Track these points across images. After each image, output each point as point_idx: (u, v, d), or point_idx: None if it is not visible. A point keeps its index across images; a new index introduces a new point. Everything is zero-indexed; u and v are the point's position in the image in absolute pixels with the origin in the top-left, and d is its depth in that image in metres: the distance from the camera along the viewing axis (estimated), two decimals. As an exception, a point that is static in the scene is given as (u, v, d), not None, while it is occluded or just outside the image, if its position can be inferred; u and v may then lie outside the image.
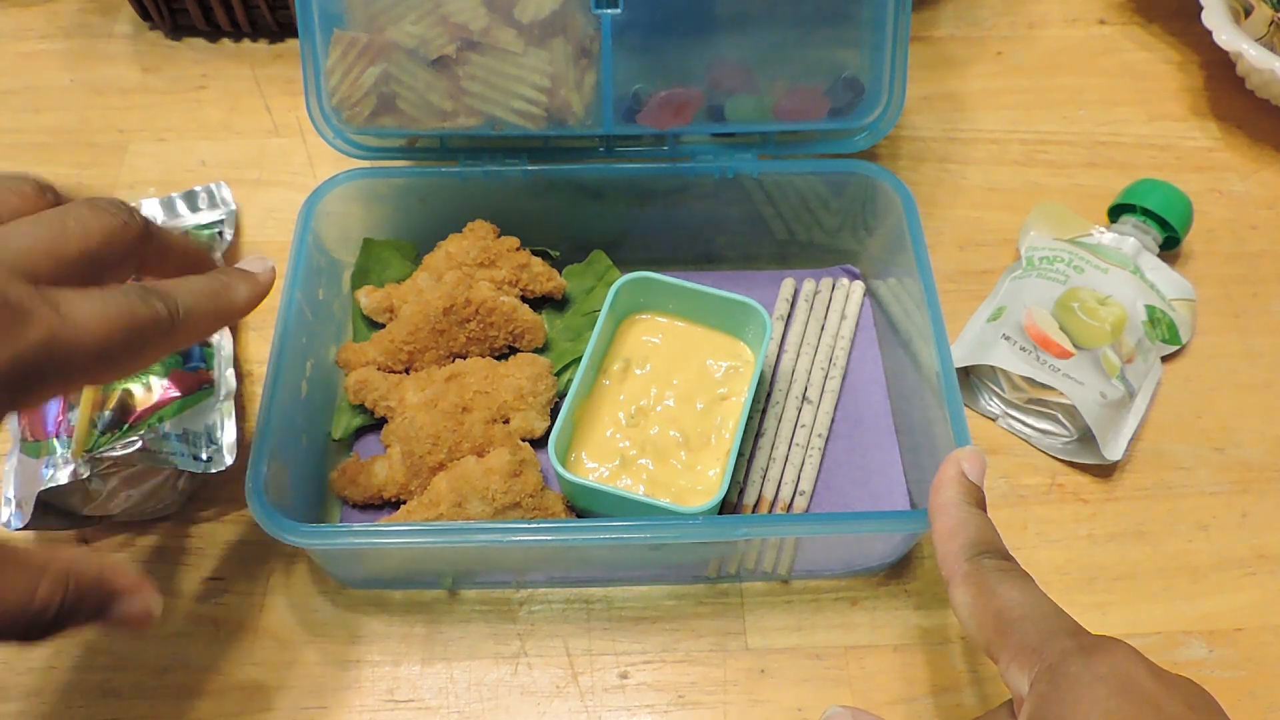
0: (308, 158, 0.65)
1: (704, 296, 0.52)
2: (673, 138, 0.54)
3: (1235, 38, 0.62)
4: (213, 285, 0.38)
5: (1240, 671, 0.47)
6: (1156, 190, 0.58)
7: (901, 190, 0.52)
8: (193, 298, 0.37)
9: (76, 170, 0.64)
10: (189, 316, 0.36)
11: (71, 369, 0.32)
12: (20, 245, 0.32)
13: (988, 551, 0.37)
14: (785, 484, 0.51)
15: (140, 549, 0.50)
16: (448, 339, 0.52)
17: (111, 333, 0.32)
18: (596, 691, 0.46)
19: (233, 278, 0.40)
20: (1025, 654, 0.33)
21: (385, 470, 0.49)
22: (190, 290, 0.37)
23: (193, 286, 0.37)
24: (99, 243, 0.34)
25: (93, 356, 0.32)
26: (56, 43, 0.71)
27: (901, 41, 0.50)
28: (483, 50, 0.50)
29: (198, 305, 0.37)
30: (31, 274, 0.32)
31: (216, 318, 0.38)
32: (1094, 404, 0.51)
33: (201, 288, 0.38)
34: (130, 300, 0.34)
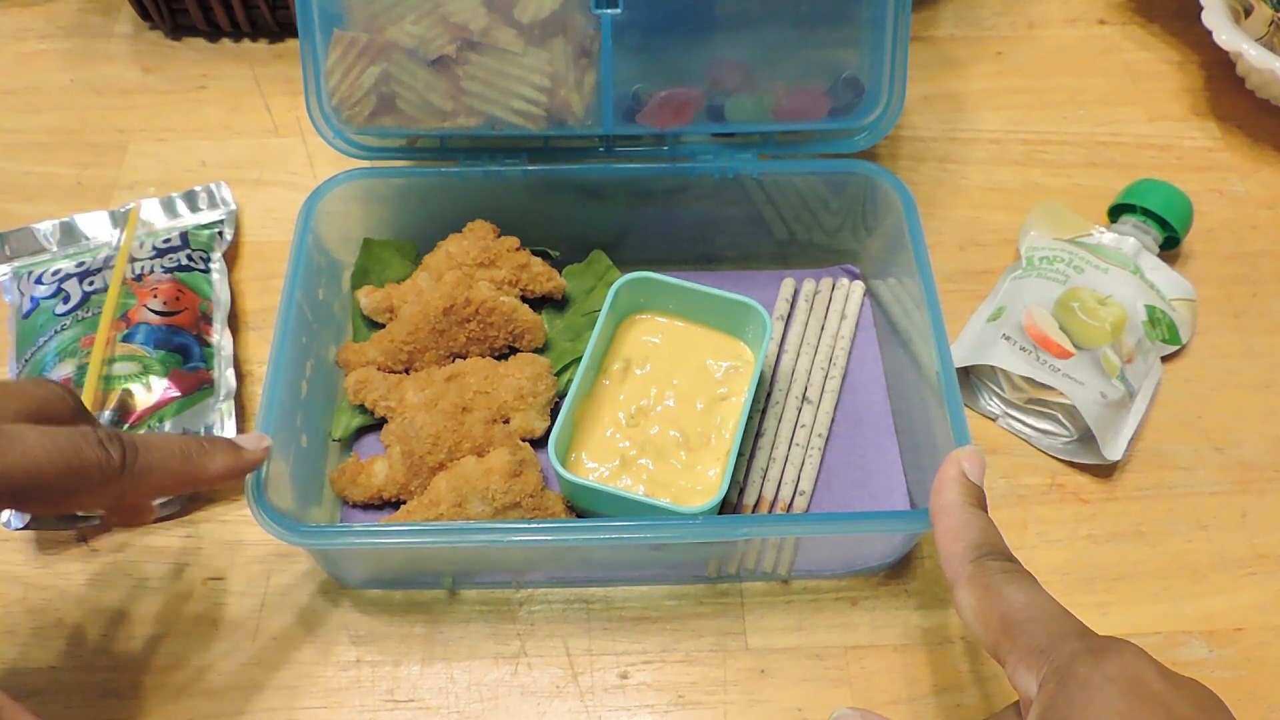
0: (308, 158, 0.65)
1: (704, 296, 0.52)
2: (673, 138, 0.54)
3: (1235, 38, 0.62)
4: (187, 448, 0.39)
5: (1240, 671, 0.47)
6: (1156, 190, 0.58)
7: (901, 190, 0.52)
8: (157, 454, 0.37)
9: (76, 170, 0.64)
10: (146, 471, 0.37)
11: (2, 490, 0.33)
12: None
13: (991, 553, 0.37)
14: (785, 484, 0.51)
15: (140, 549, 0.50)
16: (448, 339, 0.52)
17: (48, 465, 0.33)
18: (596, 691, 0.46)
19: (215, 446, 0.40)
20: (1033, 655, 0.33)
21: (385, 470, 0.49)
22: (159, 446, 0.38)
23: (164, 443, 0.38)
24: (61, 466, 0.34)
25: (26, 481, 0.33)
26: (56, 43, 0.71)
27: (901, 41, 0.50)
28: (483, 50, 0.50)
29: (160, 463, 0.37)
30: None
31: (179, 479, 0.39)
32: (1094, 404, 0.51)
33: (173, 447, 0.38)
34: (83, 441, 0.35)
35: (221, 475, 0.40)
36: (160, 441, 0.38)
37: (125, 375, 0.50)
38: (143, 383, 0.50)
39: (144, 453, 0.37)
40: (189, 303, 0.54)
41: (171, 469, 0.38)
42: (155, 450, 0.37)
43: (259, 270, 0.60)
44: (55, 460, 0.34)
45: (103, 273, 0.55)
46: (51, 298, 0.54)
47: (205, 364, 0.53)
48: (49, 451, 0.34)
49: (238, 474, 0.41)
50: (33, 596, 0.48)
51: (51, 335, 0.52)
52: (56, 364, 0.51)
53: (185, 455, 0.38)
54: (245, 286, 0.59)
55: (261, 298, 0.59)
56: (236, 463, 0.40)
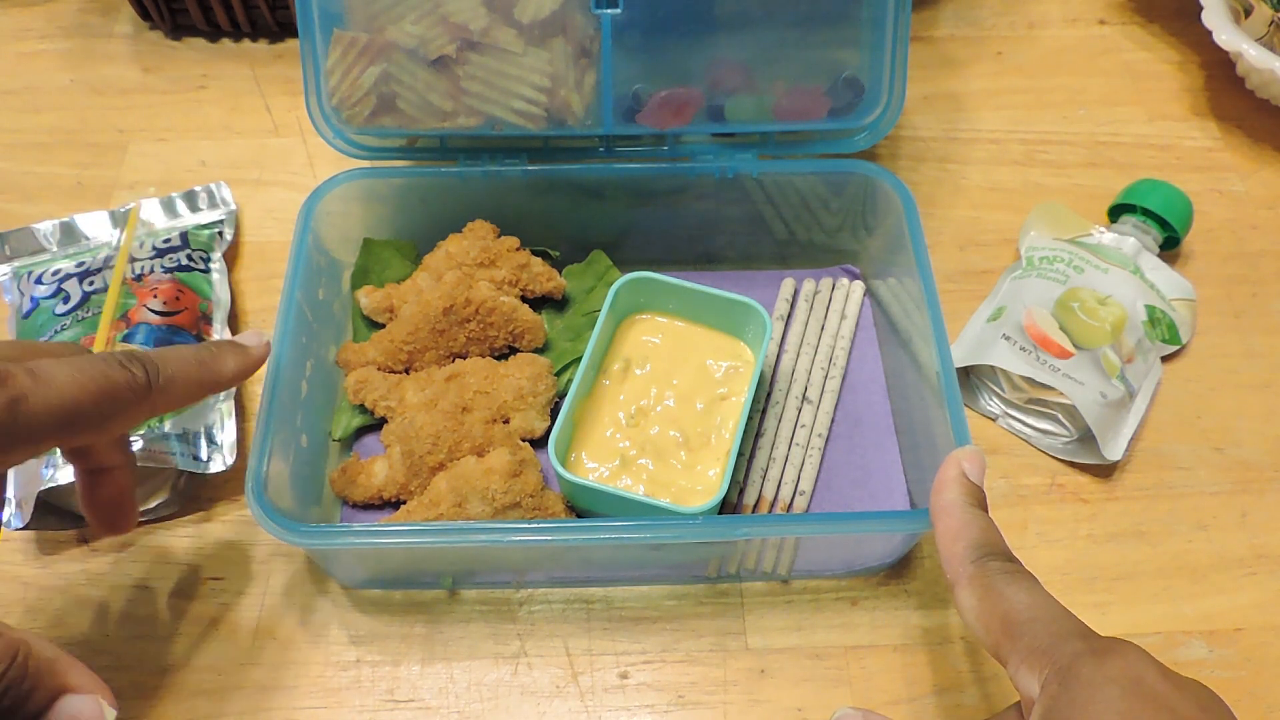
0: (308, 158, 0.65)
1: (704, 296, 0.52)
2: (673, 138, 0.54)
3: (1235, 38, 0.62)
4: (200, 355, 0.40)
5: (1240, 671, 0.47)
6: (1156, 190, 0.58)
7: (901, 190, 0.52)
8: (175, 365, 0.38)
9: (76, 170, 0.64)
10: (169, 384, 0.37)
11: (42, 429, 0.33)
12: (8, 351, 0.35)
13: (992, 553, 0.37)
14: (785, 484, 0.51)
15: (140, 549, 0.50)
16: (448, 339, 0.52)
17: (83, 394, 0.34)
18: (596, 691, 0.46)
19: (222, 349, 0.41)
20: (1035, 656, 0.33)
21: (385, 470, 0.49)
22: (174, 357, 0.38)
23: (178, 354, 0.39)
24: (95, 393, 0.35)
25: (64, 417, 0.33)
26: (56, 43, 0.71)
27: (901, 41, 0.50)
28: (483, 50, 0.50)
29: (180, 373, 0.38)
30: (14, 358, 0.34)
31: (200, 386, 0.39)
32: (1094, 404, 0.51)
33: (187, 356, 0.39)
34: (107, 365, 0.35)
35: (235, 376, 0.41)
36: (174, 354, 0.39)
37: (125, 375, 0.50)
38: (143, 383, 0.50)
39: (164, 366, 0.37)
40: (189, 303, 0.54)
41: (191, 376, 0.39)
42: (173, 362, 0.38)
43: (259, 270, 0.60)
44: (88, 387, 0.34)
45: (103, 273, 0.55)
46: (51, 298, 0.54)
47: (205, 364, 0.53)
48: (80, 381, 0.34)
49: (248, 372, 0.42)
50: (33, 596, 0.48)
51: (51, 335, 0.52)
52: (56, 364, 0.51)
53: (200, 362, 0.39)
54: (245, 286, 0.59)
55: (261, 298, 0.59)
56: (246, 361, 0.42)
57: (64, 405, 0.33)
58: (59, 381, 0.33)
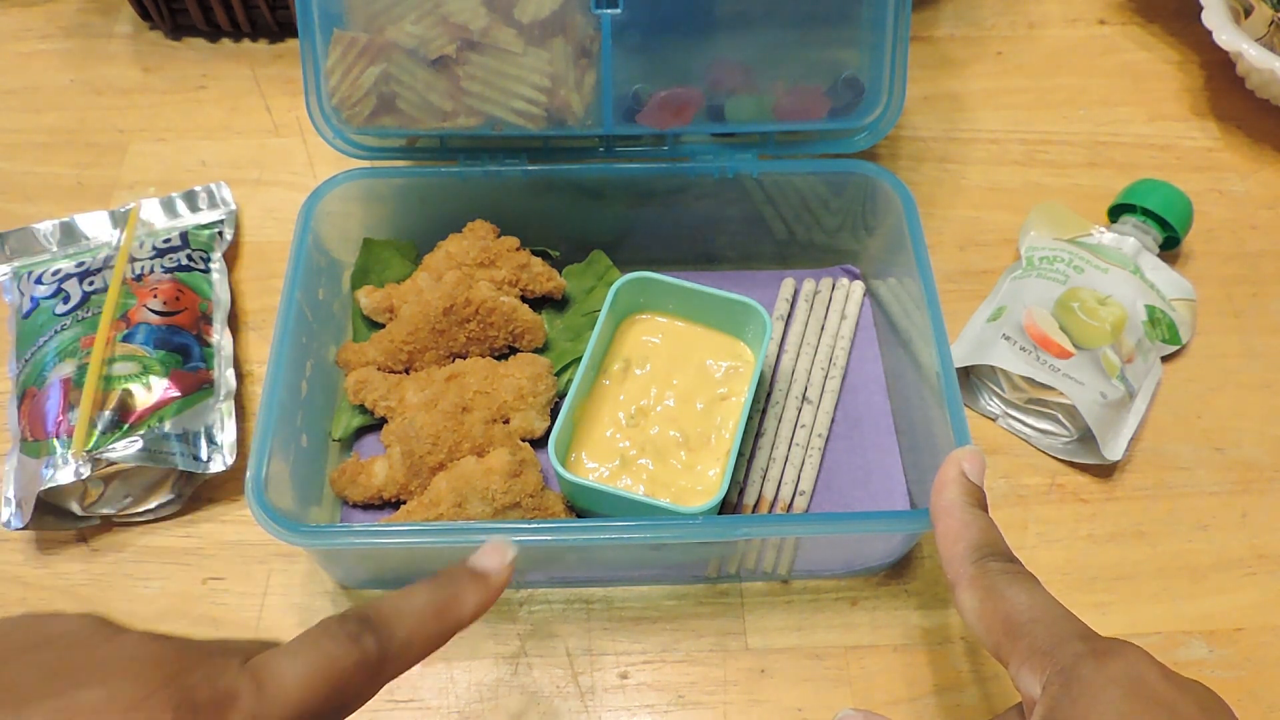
0: (308, 158, 0.65)
1: (704, 296, 0.52)
2: (673, 138, 0.54)
3: (1235, 38, 0.62)
4: (436, 601, 0.34)
5: (1240, 671, 0.47)
6: (1156, 190, 0.58)
7: (901, 190, 0.52)
8: (410, 624, 0.32)
9: (76, 170, 0.64)
10: (404, 650, 0.32)
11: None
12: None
13: (992, 554, 0.37)
14: (785, 484, 0.51)
15: (140, 549, 0.50)
16: (448, 339, 0.52)
17: (314, 695, 0.29)
18: (596, 691, 0.46)
19: (460, 587, 0.35)
20: (1036, 657, 0.33)
21: (385, 470, 0.49)
22: (409, 613, 0.33)
23: (412, 607, 0.33)
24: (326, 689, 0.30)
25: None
26: (56, 43, 0.71)
27: (901, 41, 0.50)
28: (483, 50, 0.50)
29: (417, 633, 0.32)
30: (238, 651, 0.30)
31: (439, 640, 0.34)
32: (1094, 404, 0.51)
33: (421, 609, 0.33)
34: (334, 644, 0.30)
35: (475, 616, 0.35)
36: (408, 607, 0.33)
37: (125, 375, 0.50)
38: (143, 383, 0.50)
39: (398, 628, 0.32)
40: (189, 303, 0.54)
41: (429, 634, 0.33)
42: (407, 620, 0.32)
43: (259, 270, 0.60)
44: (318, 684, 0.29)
45: (103, 273, 0.55)
46: (51, 298, 0.54)
47: (205, 364, 0.53)
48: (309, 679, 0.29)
49: (487, 608, 0.35)
50: (33, 596, 0.48)
51: (51, 335, 0.52)
52: (56, 364, 0.51)
53: (438, 613, 0.34)
54: (245, 286, 0.59)
55: (261, 298, 0.59)
56: (488, 596, 0.35)
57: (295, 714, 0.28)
58: (289, 688, 0.28)
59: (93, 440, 0.48)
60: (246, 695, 0.28)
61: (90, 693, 0.26)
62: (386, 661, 0.31)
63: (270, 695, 0.28)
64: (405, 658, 0.32)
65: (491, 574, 0.36)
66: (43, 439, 0.49)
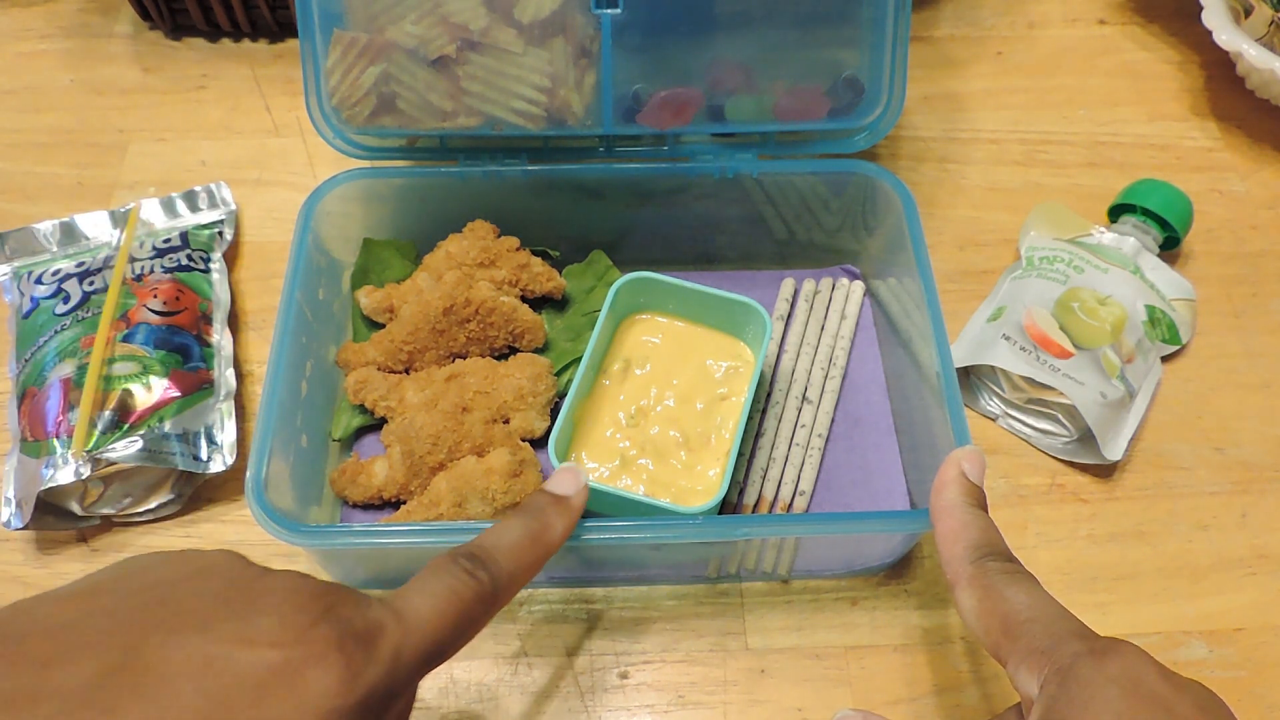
0: (308, 158, 0.65)
1: (704, 296, 0.52)
2: (673, 138, 0.54)
3: (1235, 38, 0.62)
4: (530, 529, 0.37)
5: (1240, 671, 0.47)
6: (1156, 190, 0.58)
7: (901, 190, 0.52)
8: (513, 557, 0.36)
9: (76, 170, 0.64)
10: (512, 579, 0.36)
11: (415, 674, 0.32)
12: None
13: (992, 554, 0.37)
14: (785, 484, 0.51)
15: (140, 549, 0.50)
16: (448, 339, 0.52)
17: (445, 625, 0.32)
18: (596, 691, 0.46)
19: (546, 513, 0.38)
20: (1034, 657, 0.33)
21: (385, 470, 0.49)
22: (509, 546, 0.36)
23: (511, 539, 0.37)
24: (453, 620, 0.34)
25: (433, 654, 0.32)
26: (56, 43, 0.71)
27: (901, 41, 0.50)
28: (483, 50, 0.50)
29: (520, 564, 0.36)
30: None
31: (537, 566, 0.37)
32: (1094, 404, 0.51)
33: (518, 539, 0.37)
34: (455, 580, 0.34)
35: (564, 538, 0.39)
36: (507, 539, 0.37)
37: (125, 375, 0.50)
38: (143, 383, 0.50)
39: (504, 561, 0.35)
40: (189, 303, 0.54)
41: (530, 561, 0.37)
42: (509, 553, 0.36)
43: (259, 270, 0.60)
44: (448, 616, 0.33)
45: (103, 273, 0.55)
46: (51, 298, 0.54)
47: (205, 364, 0.53)
48: (441, 611, 0.33)
49: (574, 526, 0.40)
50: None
51: (51, 335, 0.52)
52: (56, 364, 0.51)
53: (533, 539, 0.37)
54: (245, 286, 0.59)
55: (261, 298, 0.59)
56: (571, 518, 0.39)
57: (433, 644, 0.32)
58: (424, 618, 0.32)
59: (93, 440, 0.48)
60: (391, 626, 0.31)
61: (265, 619, 0.29)
62: (499, 592, 0.35)
63: (410, 626, 0.31)
64: (513, 586, 0.36)
65: (571, 497, 0.40)
66: (43, 439, 0.49)
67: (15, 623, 0.28)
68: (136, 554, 0.33)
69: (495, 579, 0.35)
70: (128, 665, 0.27)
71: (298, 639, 0.28)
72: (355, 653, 0.29)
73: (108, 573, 0.31)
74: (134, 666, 0.27)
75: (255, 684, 0.27)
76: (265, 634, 0.28)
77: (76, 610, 0.29)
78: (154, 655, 0.27)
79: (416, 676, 0.32)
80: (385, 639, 0.30)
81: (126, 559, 0.32)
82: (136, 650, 0.27)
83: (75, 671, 0.26)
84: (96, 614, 0.28)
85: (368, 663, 0.29)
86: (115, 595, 0.29)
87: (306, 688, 0.28)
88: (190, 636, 0.28)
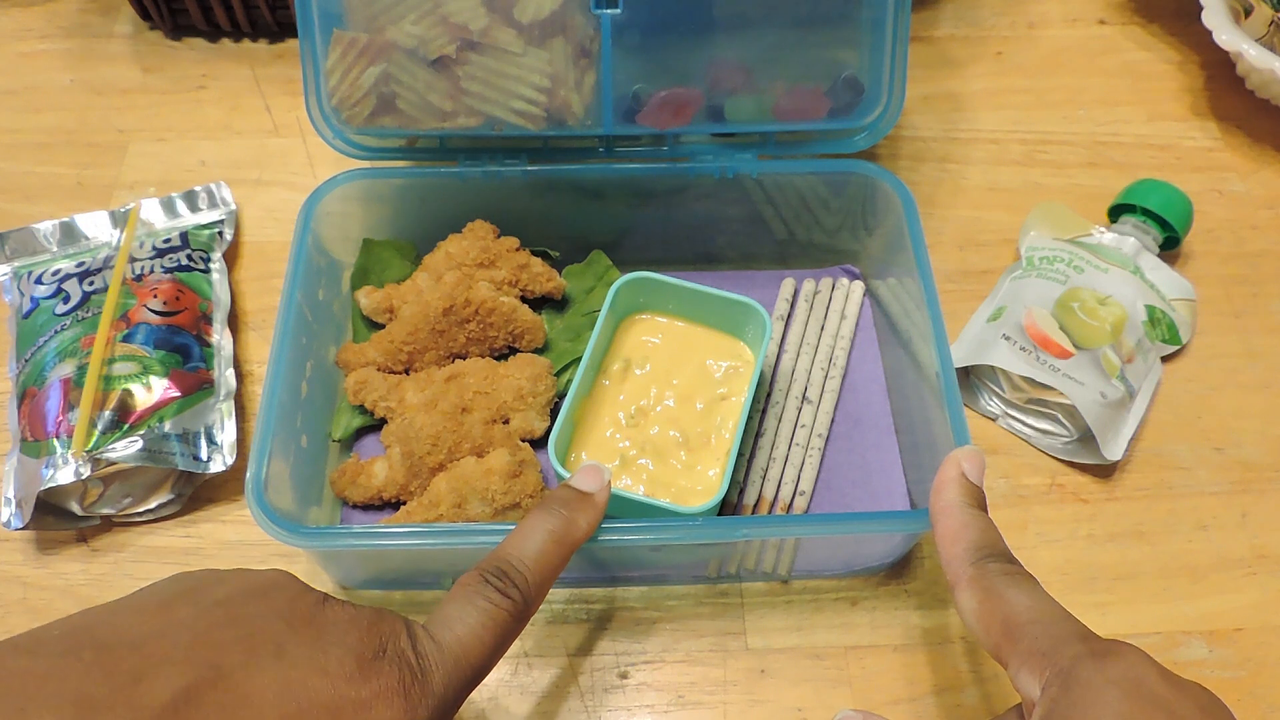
0: (308, 158, 0.65)
1: (704, 296, 0.52)
2: (673, 138, 0.54)
3: (1235, 38, 0.62)
4: (553, 531, 0.38)
5: (1240, 671, 0.47)
6: (1156, 190, 0.58)
7: (901, 190, 0.52)
8: (541, 563, 0.37)
9: (76, 170, 0.64)
10: (541, 588, 0.37)
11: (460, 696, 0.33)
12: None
13: (992, 555, 0.37)
14: (785, 484, 0.51)
15: (140, 549, 0.50)
16: (447, 339, 0.52)
17: (484, 648, 0.34)
18: (596, 691, 0.46)
19: (573, 511, 0.39)
20: (1035, 658, 0.33)
21: (385, 471, 0.49)
22: (536, 553, 0.37)
23: (537, 547, 0.37)
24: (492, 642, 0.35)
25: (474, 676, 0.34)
26: (56, 43, 0.71)
27: (901, 41, 0.50)
28: (483, 50, 0.50)
29: (548, 569, 0.37)
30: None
31: (562, 566, 0.38)
32: (1094, 404, 0.51)
33: (544, 545, 0.37)
34: (490, 603, 0.35)
35: (590, 533, 0.40)
36: (534, 546, 0.37)
37: (125, 375, 0.50)
38: (143, 383, 0.50)
39: (532, 572, 0.36)
40: (189, 303, 0.54)
41: (557, 565, 0.38)
42: (537, 561, 0.37)
43: (259, 270, 0.60)
44: (486, 639, 0.34)
45: (103, 273, 0.55)
46: (51, 298, 0.54)
47: (205, 364, 0.53)
48: (479, 635, 0.34)
49: (599, 520, 0.40)
50: (33, 596, 0.48)
51: (51, 335, 0.52)
52: (56, 364, 0.51)
53: (558, 541, 0.38)
54: (245, 286, 0.60)
55: (261, 298, 0.59)
56: (596, 514, 0.40)
57: (474, 670, 0.34)
58: (467, 647, 0.33)
59: (93, 440, 0.48)
60: (441, 664, 0.33)
61: (336, 650, 0.31)
62: (530, 604, 0.36)
63: (455, 656, 0.33)
64: (542, 594, 0.37)
65: (595, 493, 0.40)
66: (43, 439, 0.49)
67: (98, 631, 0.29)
68: (187, 570, 0.34)
69: (525, 593, 0.36)
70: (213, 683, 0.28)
71: (365, 674, 0.31)
72: (413, 689, 0.31)
73: (171, 586, 0.33)
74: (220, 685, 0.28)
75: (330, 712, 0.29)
76: (337, 666, 0.30)
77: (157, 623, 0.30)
78: (238, 676, 0.28)
79: (461, 700, 0.34)
80: (437, 674, 0.32)
81: (182, 574, 0.34)
82: (219, 669, 0.28)
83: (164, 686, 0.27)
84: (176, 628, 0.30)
85: (423, 697, 0.31)
86: (189, 610, 0.31)
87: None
88: (268, 661, 0.29)
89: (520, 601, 0.35)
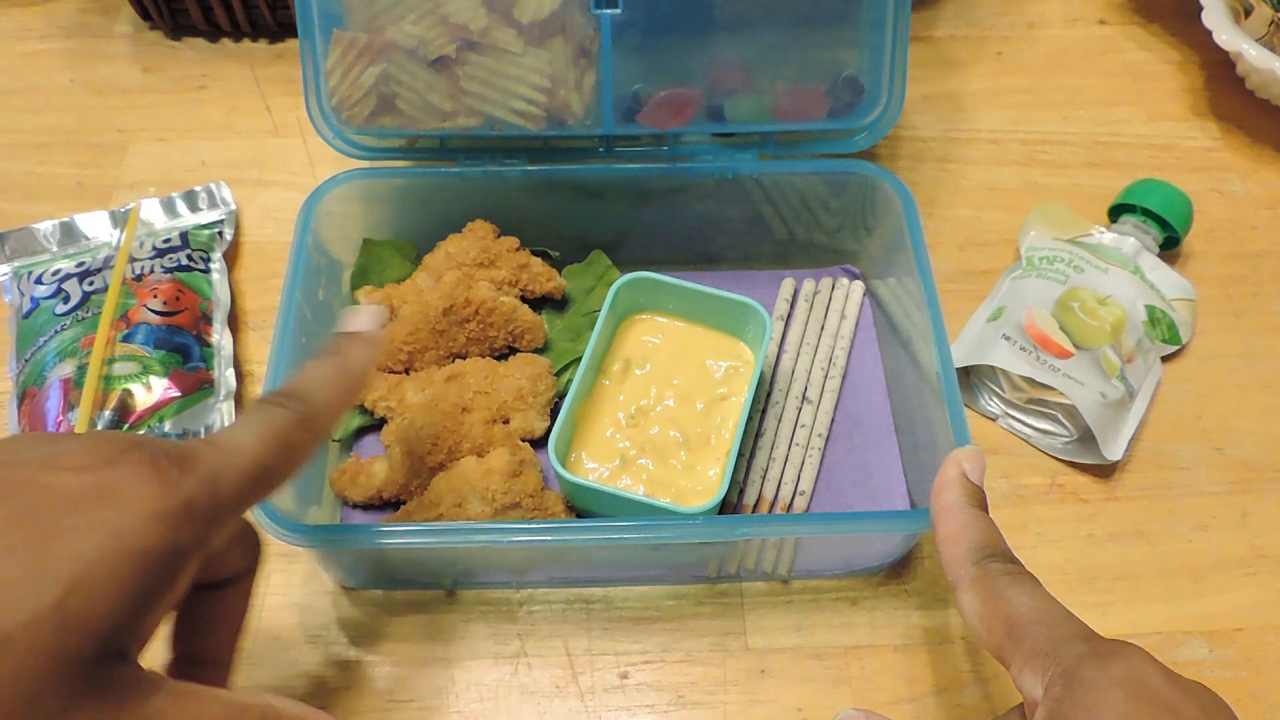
0: (308, 158, 0.65)
1: (704, 296, 0.52)
2: (672, 138, 0.54)
3: (1235, 38, 0.62)
4: (329, 360, 0.38)
5: (1240, 671, 0.47)
6: (1156, 190, 0.58)
7: (901, 190, 0.52)
8: (318, 384, 0.36)
9: (76, 170, 0.64)
10: (325, 408, 0.36)
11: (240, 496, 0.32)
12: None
13: (993, 555, 0.37)
14: (785, 484, 0.51)
15: (140, 549, 0.50)
16: (447, 339, 0.52)
17: (266, 450, 0.33)
18: (596, 691, 0.46)
19: (344, 345, 0.39)
20: (1038, 659, 0.33)
21: (385, 470, 0.49)
22: (313, 377, 0.37)
23: (317, 374, 0.37)
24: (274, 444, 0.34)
25: (257, 477, 0.32)
26: (56, 43, 0.71)
27: (901, 41, 0.50)
28: (483, 50, 0.50)
29: (326, 390, 0.37)
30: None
31: (346, 393, 0.38)
32: (1094, 404, 0.51)
33: (324, 374, 0.37)
34: (269, 412, 0.34)
35: (369, 364, 0.39)
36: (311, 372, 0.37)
37: (125, 375, 0.50)
38: (143, 383, 0.50)
39: (309, 390, 0.36)
40: (189, 303, 0.54)
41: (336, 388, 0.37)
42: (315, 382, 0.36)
43: (259, 270, 0.60)
44: (268, 441, 0.33)
45: (103, 273, 0.55)
46: (51, 298, 0.54)
47: (205, 364, 0.53)
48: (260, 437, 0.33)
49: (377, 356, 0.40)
50: (33, 596, 0.48)
51: (51, 335, 0.52)
52: (56, 364, 0.51)
53: (337, 367, 0.38)
54: (245, 286, 0.59)
55: (261, 298, 0.59)
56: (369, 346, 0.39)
57: (255, 465, 0.32)
58: (241, 444, 0.32)
59: (93, 440, 0.48)
60: (206, 453, 0.31)
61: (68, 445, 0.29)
62: (315, 417, 0.35)
63: (227, 450, 0.32)
64: (327, 412, 0.36)
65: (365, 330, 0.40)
66: (43, 439, 0.49)
67: None
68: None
69: (309, 407, 0.35)
70: None
71: (107, 462, 0.28)
72: (170, 468, 0.29)
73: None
74: None
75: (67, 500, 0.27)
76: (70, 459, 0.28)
77: None
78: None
79: (245, 499, 0.32)
80: (201, 459, 0.30)
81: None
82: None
83: None
84: None
85: (184, 475, 0.29)
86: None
87: (124, 499, 0.28)
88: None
89: (304, 413, 0.34)
